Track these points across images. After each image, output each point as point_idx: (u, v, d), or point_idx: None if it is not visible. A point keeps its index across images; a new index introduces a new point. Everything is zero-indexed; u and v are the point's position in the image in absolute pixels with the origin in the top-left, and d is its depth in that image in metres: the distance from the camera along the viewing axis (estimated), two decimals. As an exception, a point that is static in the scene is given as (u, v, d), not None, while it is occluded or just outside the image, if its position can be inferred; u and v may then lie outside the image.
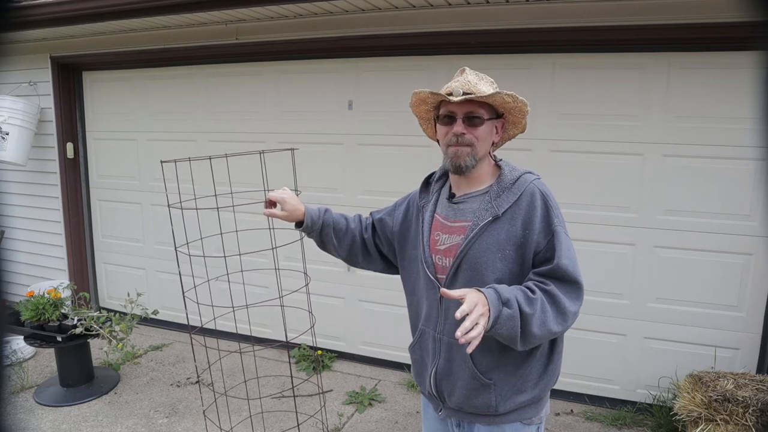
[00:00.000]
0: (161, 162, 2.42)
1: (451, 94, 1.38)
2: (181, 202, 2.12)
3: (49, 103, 4.33)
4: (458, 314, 1.16)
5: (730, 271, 2.89)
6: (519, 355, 1.39)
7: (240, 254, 2.36)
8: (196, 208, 2.21)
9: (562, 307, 1.30)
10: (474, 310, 1.17)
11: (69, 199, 4.47)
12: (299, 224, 1.64)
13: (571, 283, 1.32)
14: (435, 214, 1.52)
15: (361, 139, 3.58)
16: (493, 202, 1.38)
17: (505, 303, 1.23)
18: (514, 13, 2.96)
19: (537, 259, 1.36)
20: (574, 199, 3.10)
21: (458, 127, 1.40)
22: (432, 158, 3.38)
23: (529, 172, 1.44)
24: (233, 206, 2.33)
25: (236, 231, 2.69)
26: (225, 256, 2.34)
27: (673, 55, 2.85)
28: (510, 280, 1.36)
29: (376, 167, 3.56)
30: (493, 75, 1.51)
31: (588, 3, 2.82)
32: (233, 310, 2.71)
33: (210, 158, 2.09)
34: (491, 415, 1.43)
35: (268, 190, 1.63)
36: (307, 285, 2.67)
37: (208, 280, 2.65)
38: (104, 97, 4.41)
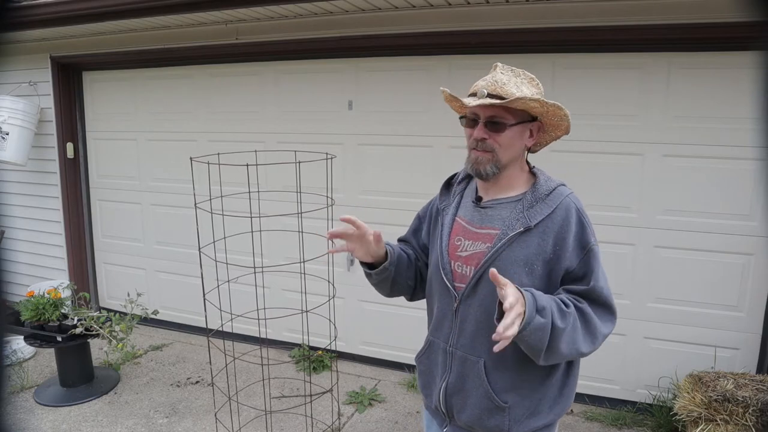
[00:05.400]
0: (191, 159, 2.41)
1: (475, 94, 1.28)
2: (195, 204, 2.12)
3: (49, 103, 4.33)
4: (506, 305, 1.09)
5: (730, 271, 2.89)
6: (536, 377, 1.32)
7: (262, 265, 2.36)
8: (222, 213, 2.22)
9: (593, 327, 1.23)
10: (515, 308, 1.10)
11: (69, 199, 4.47)
12: (370, 265, 1.45)
13: (605, 306, 1.27)
14: (456, 218, 1.41)
15: (361, 139, 3.58)
16: (526, 212, 1.29)
17: (540, 311, 1.15)
18: (514, 13, 2.97)
19: (568, 278, 1.28)
20: (574, 199, 3.10)
21: (479, 131, 1.30)
22: (432, 158, 3.38)
23: (564, 185, 1.36)
24: (259, 213, 2.33)
25: (257, 231, 2.69)
26: (255, 268, 2.34)
27: (673, 55, 2.85)
28: None
29: (376, 167, 3.56)
30: (493, 75, 1.49)
31: (588, 3, 2.82)
32: (257, 312, 2.71)
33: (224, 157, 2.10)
34: None
35: (299, 193, 1.58)
36: (332, 298, 2.67)
37: (228, 281, 2.65)
38: (104, 97, 4.41)
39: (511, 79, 1.29)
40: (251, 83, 3.84)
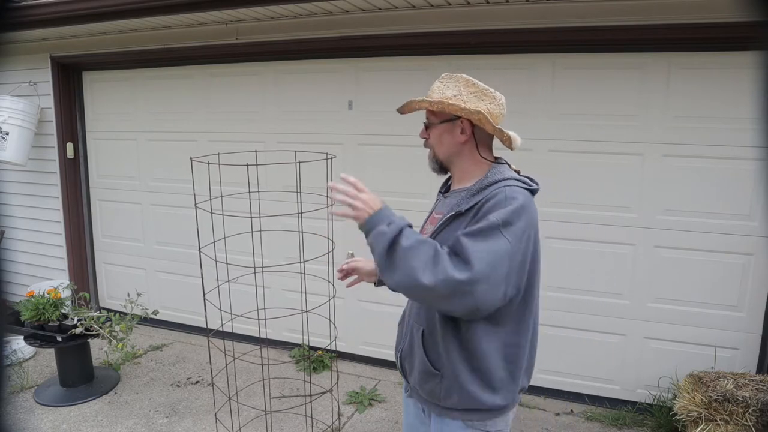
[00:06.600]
0: (191, 159, 2.41)
1: None
2: (195, 204, 2.13)
3: (49, 103, 4.33)
4: (331, 184, 1.33)
5: (730, 271, 2.89)
6: (465, 357, 1.38)
7: (262, 265, 2.36)
8: (221, 213, 2.22)
9: (440, 264, 1.25)
10: (356, 197, 1.32)
11: (69, 199, 4.47)
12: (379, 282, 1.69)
13: (462, 257, 1.26)
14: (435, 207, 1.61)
15: (361, 139, 3.58)
16: (466, 200, 1.39)
17: (388, 223, 1.31)
18: (514, 13, 2.97)
19: None
20: (574, 199, 3.10)
21: (421, 131, 1.54)
22: (432, 158, 3.38)
23: (517, 179, 1.38)
24: (258, 213, 2.33)
25: (257, 231, 2.68)
26: (255, 268, 2.34)
27: (673, 55, 2.85)
28: None
29: (376, 167, 3.56)
30: (493, 75, 1.52)
31: (588, 3, 2.82)
32: (257, 312, 2.71)
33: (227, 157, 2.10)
34: (437, 404, 1.46)
35: (299, 192, 1.69)
36: (332, 298, 2.67)
37: (228, 281, 2.65)
38: (104, 97, 4.41)
39: (444, 85, 1.45)
40: (251, 83, 3.84)
